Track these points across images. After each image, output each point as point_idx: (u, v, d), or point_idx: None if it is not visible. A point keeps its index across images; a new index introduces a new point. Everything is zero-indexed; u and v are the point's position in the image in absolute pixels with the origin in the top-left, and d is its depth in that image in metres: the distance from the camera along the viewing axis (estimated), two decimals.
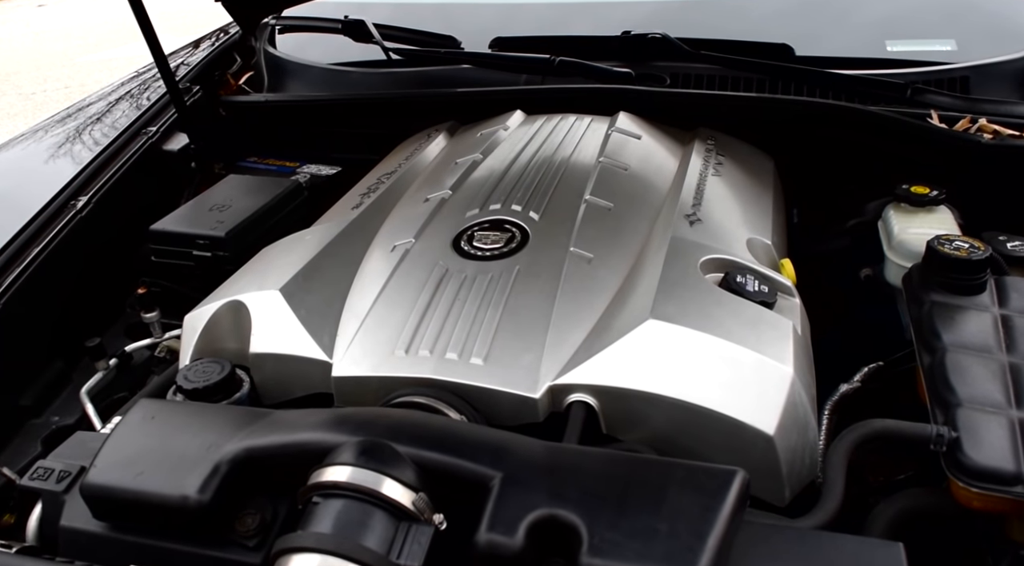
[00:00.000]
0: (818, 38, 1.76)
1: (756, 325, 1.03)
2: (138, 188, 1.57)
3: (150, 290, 1.35)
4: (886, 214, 1.35)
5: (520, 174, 1.35)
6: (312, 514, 0.80)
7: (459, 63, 1.83)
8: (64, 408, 1.27)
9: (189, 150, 1.69)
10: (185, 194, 1.66)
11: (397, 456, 0.82)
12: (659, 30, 1.75)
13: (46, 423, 1.25)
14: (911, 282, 1.16)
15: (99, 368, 1.29)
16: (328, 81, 1.96)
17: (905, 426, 0.93)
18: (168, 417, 0.96)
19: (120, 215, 1.51)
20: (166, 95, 1.77)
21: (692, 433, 0.95)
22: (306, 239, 1.28)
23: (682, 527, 0.76)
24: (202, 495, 0.84)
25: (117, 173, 1.52)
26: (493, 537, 0.76)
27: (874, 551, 0.80)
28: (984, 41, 1.74)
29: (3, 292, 1.27)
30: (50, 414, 1.26)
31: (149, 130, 1.66)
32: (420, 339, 1.03)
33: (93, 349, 1.27)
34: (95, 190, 1.47)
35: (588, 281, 1.10)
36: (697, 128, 1.60)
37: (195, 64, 1.90)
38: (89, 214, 1.42)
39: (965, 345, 1.02)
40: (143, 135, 1.64)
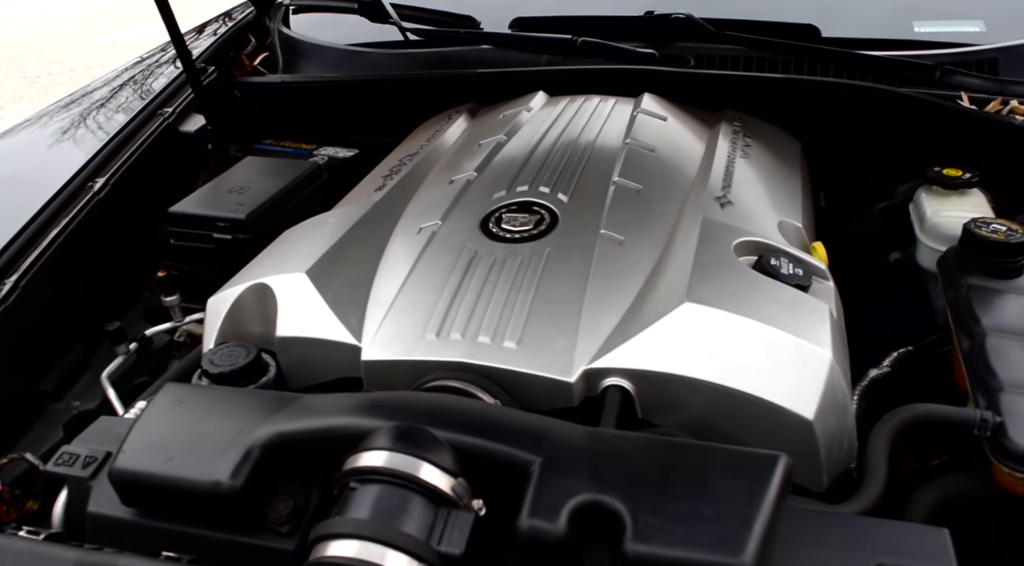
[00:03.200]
0: (844, 19, 1.73)
1: (793, 308, 1.01)
2: (155, 170, 1.55)
3: (170, 273, 1.33)
4: (918, 197, 1.33)
5: (546, 156, 1.33)
6: (349, 500, 0.79)
7: (479, 43, 1.81)
8: (85, 393, 1.26)
9: (206, 131, 1.67)
10: (202, 176, 1.64)
11: (435, 440, 0.80)
12: (681, 10, 1.72)
13: (67, 408, 1.24)
14: (947, 265, 1.14)
15: (119, 352, 1.27)
16: (345, 62, 1.94)
17: (948, 411, 0.91)
18: (196, 402, 0.95)
19: (137, 197, 1.49)
20: (181, 76, 1.75)
21: (729, 417, 0.93)
22: (329, 222, 1.26)
23: (727, 513, 0.74)
24: (234, 480, 0.83)
25: (134, 155, 1.50)
26: (535, 522, 0.74)
27: (920, 536, 0.79)
28: (1014, 22, 1.71)
29: (23, 275, 1.25)
30: (71, 399, 1.25)
31: (165, 111, 1.64)
32: (451, 322, 1.01)
33: (114, 333, 1.26)
34: (112, 172, 1.45)
35: (620, 264, 1.09)
36: (723, 110, 1.57)
37: (210, 45, 1.88)
38: (107, 196, 1.41)
39: (1005, 329, 1.01)
40: (159, 116, 1.62)
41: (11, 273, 1.24)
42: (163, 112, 1.63)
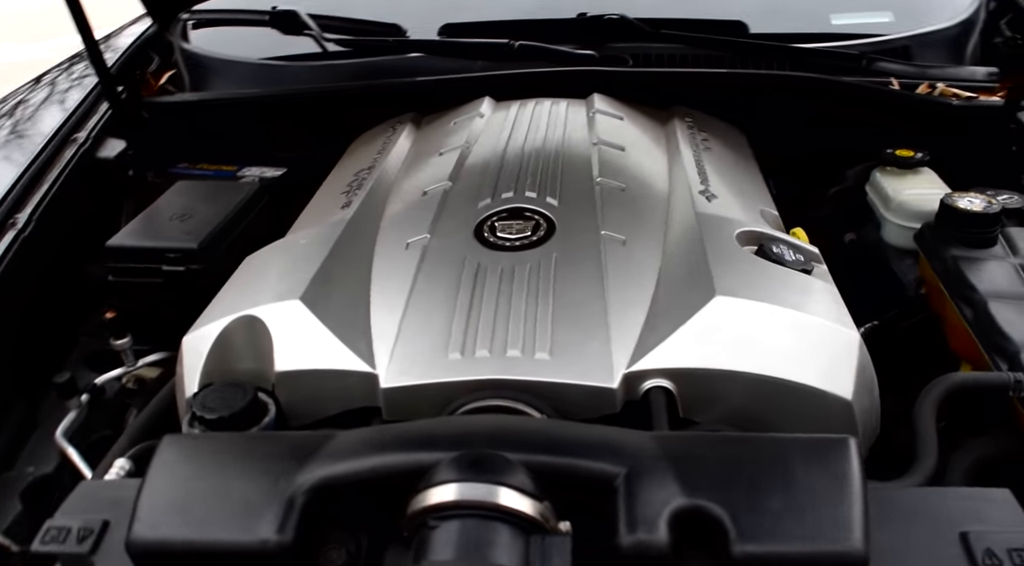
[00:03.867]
0: (766, 15, 1.78)
1: (808, 293, 1.02)
2: (77, 201, 1.40)
3: (120, 314, 1.20)
4: (874, 179, 1.38)
5: (520, 160, 1.29)
6: (428, 541, 0.71)
7: (411, 52, 1.75)
8: (37, 455, 1.11)
9: (126, 156, 1.52)
10: (126, 206, 1.50)
11: (510, 464, 0.74)
12: (604, 11, 1.73)
13: (21, 475, 1.08)
14: (926, 240, 1.19)
15: (71, 406, 1.13)
16: (262, 77, 1.83)
17: (982, 377, 0.94)
18: (206, 453, 0.85)
19: (62, 232, 1.34)
20: (89, 97, 1.59)
21: (770, 406, 0.92)
22: (302, 244, 1.17)
23: (823, 501, 0.73)
24: (282, 535, 0.74)
25: (54, 186, 1.35)
26: (639, 537, 0.70)
27: (986, 500, 0.80)
28: (917, 11, 1.82)
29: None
30: (22, 464, 1.10)
31: (77, 137, 1.48)
32: (474, 339, 0.95)
33: (63, 385, 1.12)
34: (35, 206, 1.29)
35: (629, 263, 1.06)
36: (670, 107, 1.58)
37: (113, 63, 1.72)
38: (32, 233, 1.25)
39: (1000, 294, 1.05)
40: (72, 142, 1.46)
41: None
42: (75, 138, 1.48)
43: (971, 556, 0.74)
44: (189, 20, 2.00)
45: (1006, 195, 1.28)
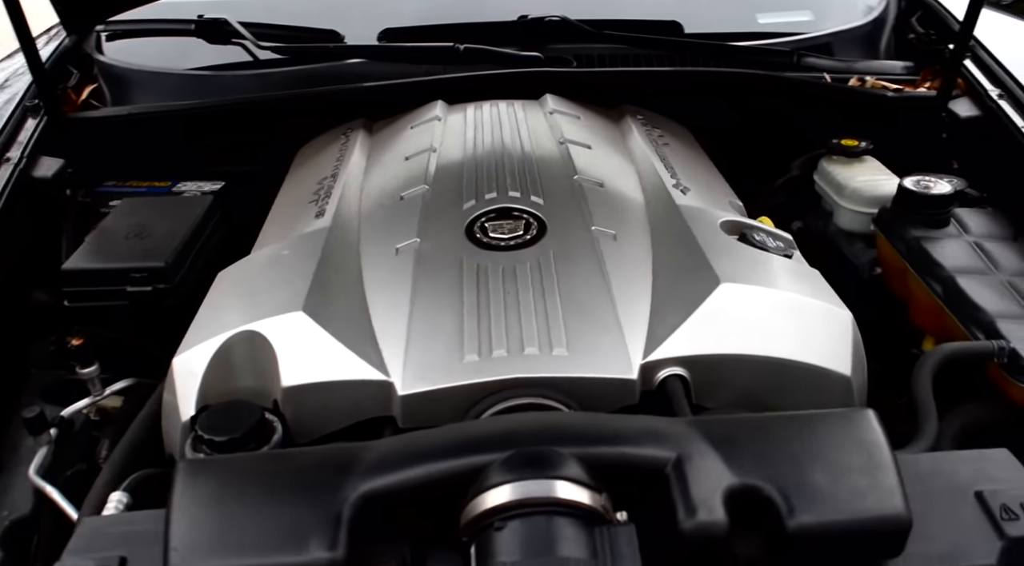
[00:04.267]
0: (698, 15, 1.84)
1: (798, 276, 1.07)
2: (18, 225, 1.30)
3: (88, 340, 1.12)
4: (823, 168, 1.45)
5: (493, 161, 1.29)
6: (492, 544, 0.70)
7: (353, 57, 1.71)
8: (9, 497, 1.03)
9: (64, 176, 1.43)
10: (65, 228, 1.40)
11: (563, 458, 0.74)
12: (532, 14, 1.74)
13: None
14: (885, 222, 1.26)
15: (42, 443, 1.05)
16: (191, 88, 1.75)
17: (970, 346, 1.01)
18: (232, 476, 0.81)
19: (8, 258, 1.24)
20: (13, 115, 1.48)
21: (776, 386, 0.96)
22: (284, 255, 1.13)
23: (860, 471, 0.76)
24: (335, 553, 0.71)
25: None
26: (699, 519, 0.71)
27: (990, 460, 0.85)
28: (832, 11, 1.92)
29: None
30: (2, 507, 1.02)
31: (10, 156, 1.38)
32: (488, 339, 0.94)
33: (33, 420, 1.03)
34: None
35: (624, 257, 1.08)
36: (619, 105, 1.62)
37: None
38: None
39: (964, 270, 1.13)
40: (6, 162, 1.36)
41: None
42: (8, 157, 1.37)
43: (989, 513, 0.79)
44: (103, 31, 1.90)
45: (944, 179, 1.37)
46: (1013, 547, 0.76)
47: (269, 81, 1.74)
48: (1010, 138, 1.34)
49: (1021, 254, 1.17)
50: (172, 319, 1.23)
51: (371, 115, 1.63)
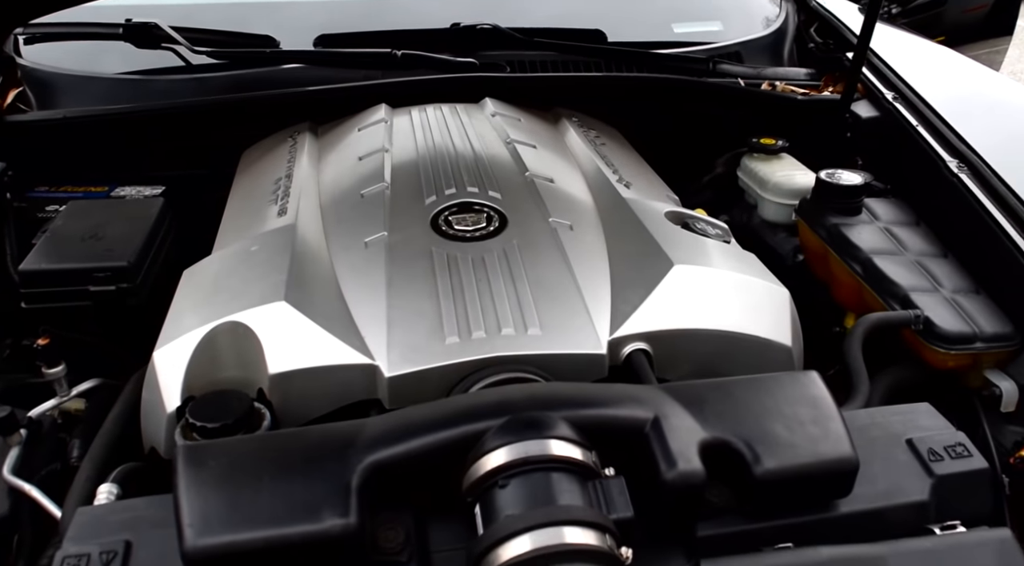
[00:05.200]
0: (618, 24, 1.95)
1: (739, 259, 1.17)
2: None
3: (53, 340, 1.12)
4: (745, 165, 1.58)
5: (447, 160, 1.35)
6: (495, 501, 0.77)
7: (292, 62, 1.74)
8: None
9: (4, 178, 1.40)
10: (6, 232, 1.38)
11: (554, 420, 0.81)
12: (466, 21, 1.81)
13: None
14: (806, 212, 1.39)
15: (12, 443, 1.04)
16: (124, 93, 1.73)
17: (892, 315, 1.13)
18: (235, 457, 0.84)
19: None
20: None
21: (727, 357, 1.06)
22: (254, 250, 1.16)
23: (812, 423, 0.86)
24: (348, 519, 0.76)
25: None
26: (680, 469, 0.79)
27: (916, 412, 0.98)
28: (738, 21, 2.07)
29: None
30: None
31: None
32: (466, 321, 1.00)
33: (4, 420, 1.03)
34: None
35: (581, 245, 1.16)
36: (553, 107, 1.70)
37: None
38: None
39: (879, 251, 1.26)
40: None
41: None
42: None
43: (919, 456, 0.91)
44: (22, 34, 1.85)
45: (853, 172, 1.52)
46: (940, 484, 0.88)
47: (204, 86, 1.75)
48: (906, 136, 1.50)
49: (924, 237, 1.32)
50: (133, 319, 1.24)
51: (315, 118, 1.66)
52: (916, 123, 1.49)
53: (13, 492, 1.01)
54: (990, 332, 1.11)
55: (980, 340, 1.10)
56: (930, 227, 1.35)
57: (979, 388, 1.13)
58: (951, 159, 1.38)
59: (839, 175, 1.37)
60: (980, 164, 1.34)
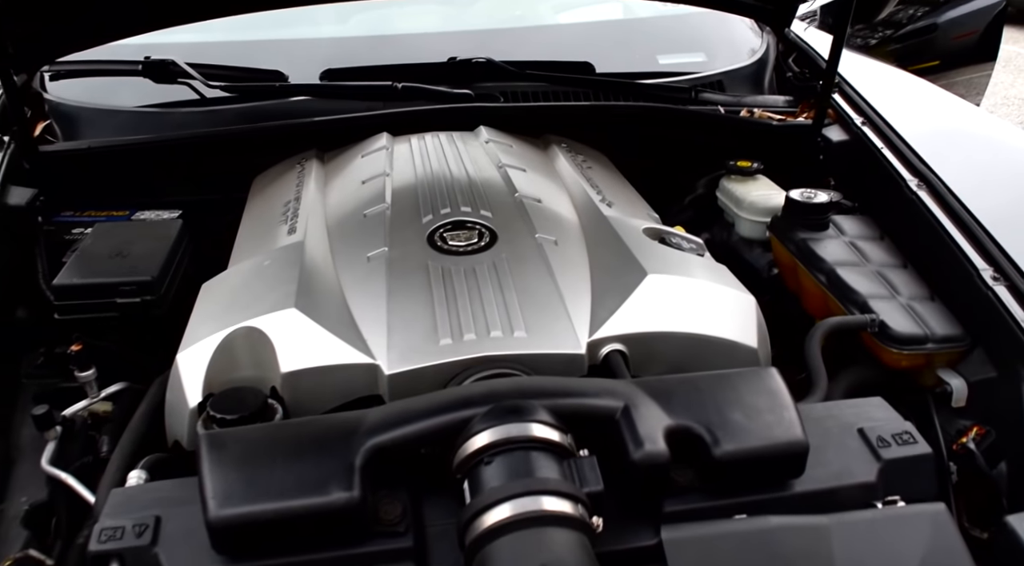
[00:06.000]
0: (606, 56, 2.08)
1: (709, 269, 1.28)
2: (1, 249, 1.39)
3: (85, 346, 1.23)
4: (723, 186, 1.69)
5: (442, 183, 1.46)
6: (480, 478, 0.86)
7: (300, 95, 1.86)
8: (23, 487, 1.12)
9: (36, 203, 1.52)
10: (38, 253, 1.49)
11: (535, 408, 0.91)
12: (462, 56, 1.94)
13: (15, 505, 1.09)
14: (778, 228, 1.49)
15: (49, 438, 1.15)
16: (142, 125, 1.86)
17: (849, 319, 1.24)
18: (252, 442, 0.94)
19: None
20: None
21: (696, 358, 1.16)
22: (266, 265, 1.27)
23: (768, 412, 0.96)
24: (352, 493, 0.86)
25: None
26: (646, 450, 0.89)
27: (869, 406, 1.07)
28: (722, 52, 2.20)
29: None
30: (14, 495, 1.10)
31: None
32: (458, 325, 1.11)
33: (42, 417, 1.13)
34: None
35: (565, 258, 1.27)
36: (543, 135, 1.82)
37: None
38: None
39: (842, 263, 1.37)
40: None
41: None
42: None
43: (869, 443, 1.01)
44: (47, 71, 1.99)
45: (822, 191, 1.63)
46: (887, 467, 0.98)
47: (217, 118, 1.87)
48: (873, 158, 1.61)
49: (886, 250, 1.43)
50: (156, 329, 1.35)
51: (320, 146, 1.78)
52: (882, 145, 1.60)
53: (51, 481, 1.11)
54: (941, 334, 1.21)
55: (931, 341, 1.20)
56: (893, 241, 1.46)
57: (932, 386, 1.23)
58: (912, 178, 1.49)
59: (807, 194, 1.48)
60: (937, 183, 1.44)
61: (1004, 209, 1.38)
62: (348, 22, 2.28)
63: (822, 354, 1.21)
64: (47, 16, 1.47)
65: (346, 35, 2.20)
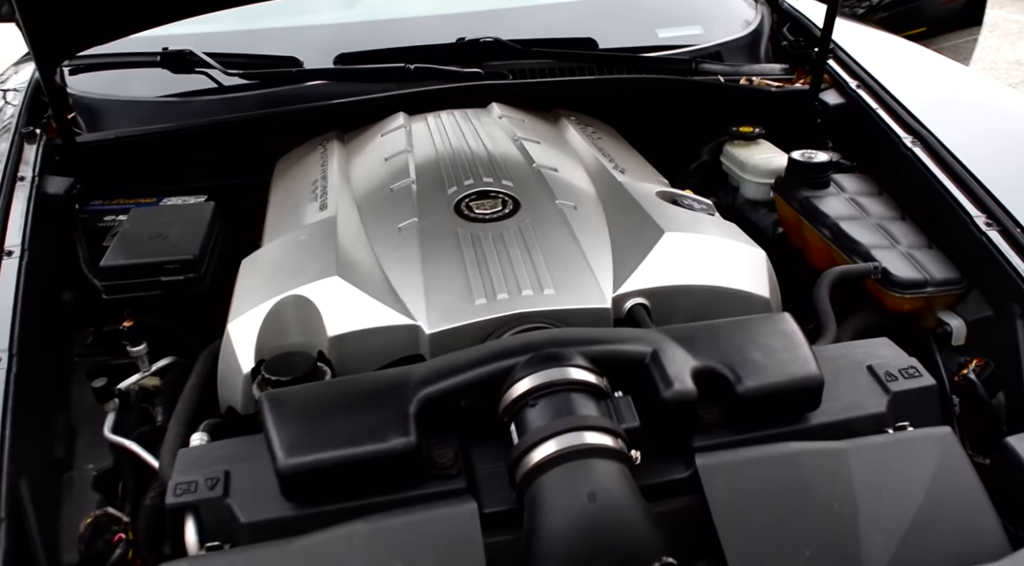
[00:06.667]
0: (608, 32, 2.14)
1: (720, 227, 1.36)
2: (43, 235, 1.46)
3: (137, 322, 1.30)
4: (727, 151, 1.77)
5: (463, 157, 1.53)
6: (526, 418, 0.94)
7: (318, 80, 1.92)
8: (89, 454, 1.19)
9: (73, 191, 1.59)
10: (78, 238, 1.56)
11: (572, 354, 0.99)
12: (469, 36, 2.00)
13: (82, 473, 1.16)
14: (781, 188, 1.57)
15: (108, 409, 1.23)
16: (163, 114, 1.92)
17: (854, 267, 1.32)
18: (309, 398, 1.02)
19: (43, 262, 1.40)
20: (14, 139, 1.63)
21: (713, 308, 1.23)
22: (303, 239, 1.34)
23: (784, 351, 1.04)
24: (410, 439, 0.94)
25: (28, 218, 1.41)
26: (676, 389, 0.97)
27: (876, 345, 1.15)
28: (717, 24, 2.26)
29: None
30: (79, 463, 1.18)
31: (23, 176, 1.53)
32: (491, 285, 1.19)
33: (102, 389, 1.21)
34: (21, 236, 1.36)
35: (585, 221, 1.34)
36: (553, 109, 1.89)
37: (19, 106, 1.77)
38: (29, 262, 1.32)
39: (844, 217, 1.45)
40: (21, 181, 1.51)
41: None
42: (22, 176, 1.53)
43: (878, 378, 1.09)
44: (67, 66, 2.04)
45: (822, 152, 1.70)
46: (895, 399, 1.06)
47: (236, 104, 1.94)
48: (869, 119, 1.68)
49: (885, 204, 1.51)
50: (197, 305, 1.42)
51: (340, 128, 1.85)
52: (876, 107, 1.68)
53: (114, 448, 1.19)
54: (939, 278, 1.30)
55: (931, 285, 1.28)
56: (891, 195, 1.54)
57: (933, 327, 1.31)
58: (906, 136, 1.56)
59: (808, 154, 1.56)
60: (931, 139, 1.52)
61: (994, 161, 1.45)
62: (355, 7, 2.34)
63: (829, 302, 1.29)
64: (77, 11, 1.53)
65: (354, 20, 2.26)
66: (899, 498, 0.93)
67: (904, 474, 0.95)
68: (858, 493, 0.92)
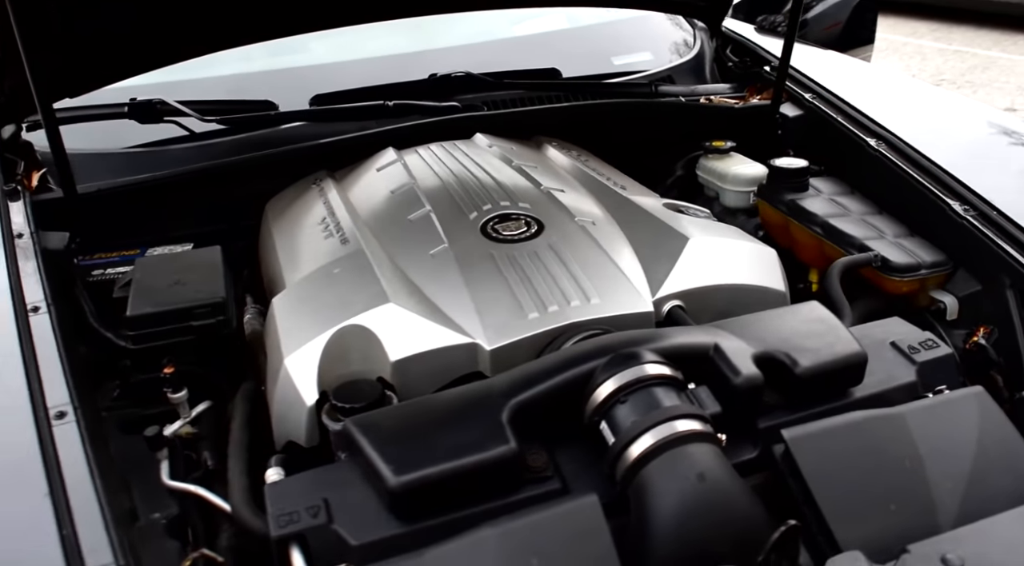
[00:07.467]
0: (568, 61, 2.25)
1: (731, 232, 1.46)
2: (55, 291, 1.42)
3: (177, 369, 1.28)
4: (704, 165, 1.89)
5: (471, 184, 1.58)
6: (617, 417, 0.99)
7: (296, 122, 1.94)
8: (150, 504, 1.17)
9: (71, 247, 1.56)
10: (79, 291, 1.52)
11: (646, 352, 1.05)
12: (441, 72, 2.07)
13: (151, 522, 1.14)
14: (764, 194, 1.69)
15: (161, 457, 1.21)
16: (137, 165, 1.89)
17: (857, 257, 1.44)
18: (397, 418, 1.05)
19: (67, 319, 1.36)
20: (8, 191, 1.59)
21: (739, 304, 1.33)
22: (336, 273, 1.36)
23: (827, 334, 1.14)
24: (510, 445, 0.98)
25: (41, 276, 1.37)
26: (744, 376, 1.05)
27: (892, 325, 1.27)
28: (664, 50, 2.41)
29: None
30: (144, 514, 1.15)
31: (21, 233, 1.49)
32: (539, 300, 1.24)
33: (153, 438, 1.19)
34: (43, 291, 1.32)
35: (608, 236, 1.42)
36: (534, 136, 1.97)
37: None
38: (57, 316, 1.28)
39: (831, 214, 1.58)
40: (19, 238, 1.47)
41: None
42: (21, 234, 1.48)
43: (903, 352, 1.20)
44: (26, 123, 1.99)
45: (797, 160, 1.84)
46: (922, 368, 1.17)
47: (213, 151, 1.93)
48: (829, 126, 1.83)
49: (861, 201, 1.65)
50: (224, 348, 1.42)
51: (327, 167, 1.87)
52: (836, 115, 1.83)
53: (175, 495, 1.17)
54: (930, 261, 1.43)
55: (924, 268, 1.42)
56: (862, 193, 1.68)
57: (928, 306, 1.44)
58: (870, 138, 1.71)
59: (788, 161, 1.69)
60: (894, 140, 1.68)
61: (956, 153, 1.61)
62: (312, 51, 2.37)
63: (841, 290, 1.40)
64: (68, 58, 1.51)
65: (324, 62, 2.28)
66: (955, 450, 1.03)
67: (954, 429, 1.05)
68: (921, 450, 1.01)
